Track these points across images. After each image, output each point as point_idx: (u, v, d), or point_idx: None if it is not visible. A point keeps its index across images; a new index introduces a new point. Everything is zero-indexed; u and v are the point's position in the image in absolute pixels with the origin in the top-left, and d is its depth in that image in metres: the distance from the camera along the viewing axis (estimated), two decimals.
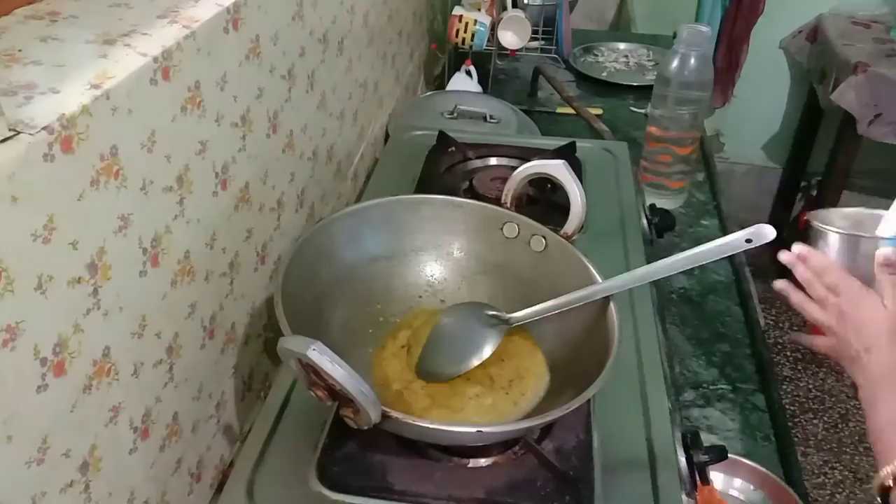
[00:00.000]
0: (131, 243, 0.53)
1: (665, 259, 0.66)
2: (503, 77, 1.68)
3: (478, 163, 1.09)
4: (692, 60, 1.16)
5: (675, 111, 1.19)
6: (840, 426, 2.05)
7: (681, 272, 0.66)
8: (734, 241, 0.62)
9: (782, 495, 0.80)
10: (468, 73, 1.53)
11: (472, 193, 0.99)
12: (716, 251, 0.63)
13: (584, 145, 1.11)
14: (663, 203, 1.17)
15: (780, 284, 0.77)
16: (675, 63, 1.17)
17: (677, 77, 1.17)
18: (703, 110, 1.21)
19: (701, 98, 1.19)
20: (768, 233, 0.61)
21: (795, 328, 2.38)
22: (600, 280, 0.69)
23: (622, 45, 1.85)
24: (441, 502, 0.61)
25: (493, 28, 1.49)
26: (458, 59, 1.57)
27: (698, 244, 0.65)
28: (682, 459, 0.68)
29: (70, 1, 0.60)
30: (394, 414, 0.55)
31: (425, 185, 1.00)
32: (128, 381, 0.54)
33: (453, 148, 1.09)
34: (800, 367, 2.24)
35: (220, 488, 0.70)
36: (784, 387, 2.16)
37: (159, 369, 0.59)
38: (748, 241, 0.61)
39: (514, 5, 1.54)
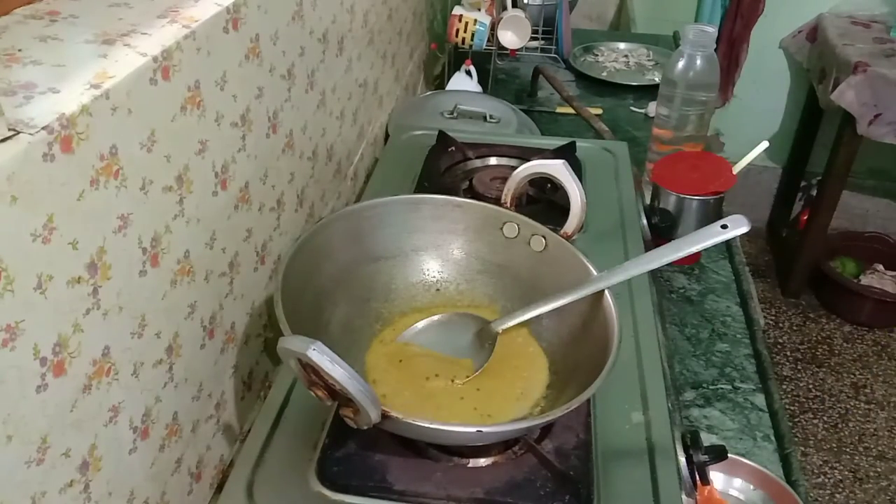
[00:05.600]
0: (131, 243, 0.53)
1: (647, 253, 0.69)
2: (503, 77, 1.68)
3: (478, 163, 1.09)
4: (698, 61, 1.15)
5: (683, 113, 1.18)
6: (840, 426, 2.05)
7: (681, 272, 0.67)
8: (712, 228, 0.66)
9: (782, 495, 0.80)
10: (468, 72, 1.53)
11: (472, 193, 0.99)
12: (694, 240, 0.66)
13: (584, 145, 1.11)
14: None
15: None
16: (681, 64, 1.16)
17: (684, 78, 1.16)
18: (710, 111, 1.21)
19: (708, 99, 1.18)
20: (743, 223, 0.65)
21: (795, 328, 2.38)
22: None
23: (622, 45, 1.85)
24: (441, 502, 0.61)
25: (493, 28, 1.49)
26: (458, 58, 1.57)
27: None
28: (682, 459, 0.68)
29: (70, 1, 0.60)
30: (394, 414, 0.55)
31: (425, 185, 1.00)
32: (127, 380, 0.54)
33: (453, 148, 1.09)
34: (800, 367, 2.24)
35: (220, 488, 0.70)
36: (784, 387, 2.16)
37: (159, 369, 0.59)
38: (724, 227, 0.65)
39: (514, 5, 1.54)
